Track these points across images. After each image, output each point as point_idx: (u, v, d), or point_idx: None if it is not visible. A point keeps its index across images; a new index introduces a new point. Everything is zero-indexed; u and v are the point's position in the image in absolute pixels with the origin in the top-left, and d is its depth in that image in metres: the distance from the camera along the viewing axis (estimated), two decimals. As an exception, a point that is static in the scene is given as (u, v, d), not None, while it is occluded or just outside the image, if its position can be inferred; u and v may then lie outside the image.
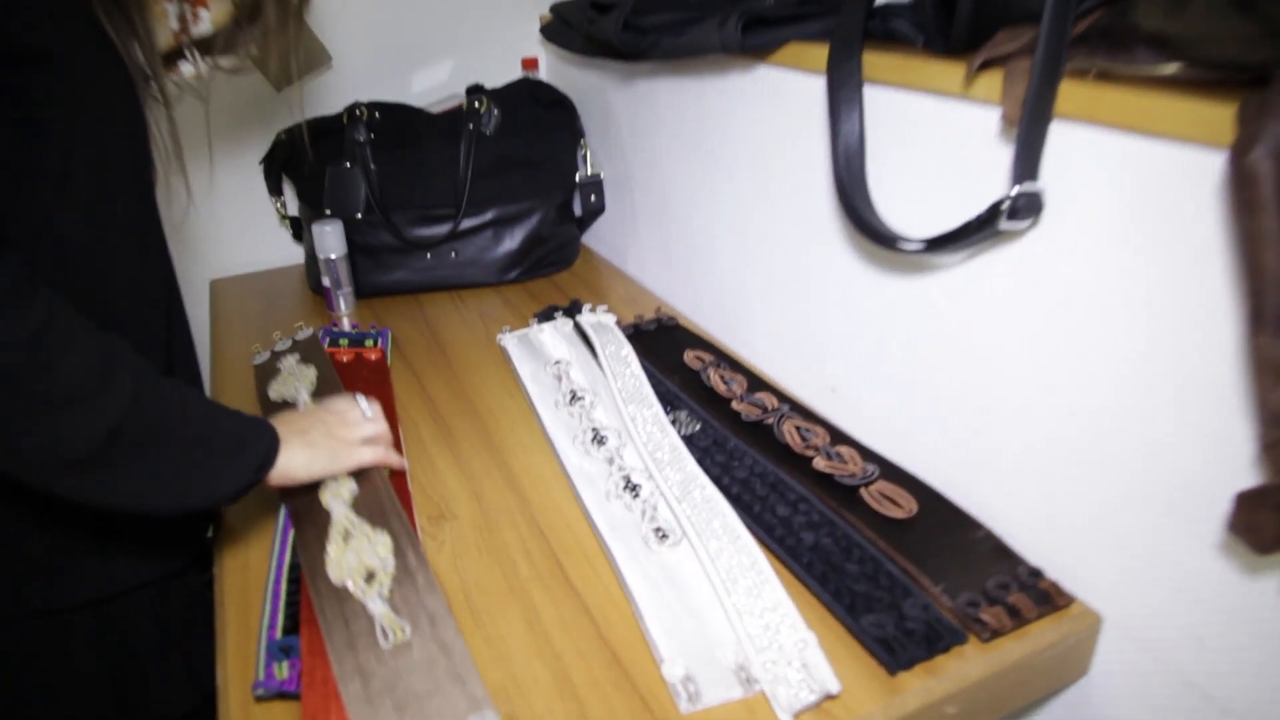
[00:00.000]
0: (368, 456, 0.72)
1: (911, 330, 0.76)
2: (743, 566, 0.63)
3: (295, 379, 0.90)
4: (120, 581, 0.66)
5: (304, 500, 0.70)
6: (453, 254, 1.19)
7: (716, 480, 0.75)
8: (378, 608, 0.59)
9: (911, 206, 0.72)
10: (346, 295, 1.15)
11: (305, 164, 1.18)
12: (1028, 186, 0.59)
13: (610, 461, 0.78)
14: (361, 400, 0.75)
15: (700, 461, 0.78)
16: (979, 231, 0.61)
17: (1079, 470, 0.62)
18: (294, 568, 0.65)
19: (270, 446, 0.62)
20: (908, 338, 0.76)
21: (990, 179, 0.64)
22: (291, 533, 0.68)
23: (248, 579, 0.67)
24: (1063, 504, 0.64)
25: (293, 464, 0.65)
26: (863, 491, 0.73)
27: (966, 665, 0.57)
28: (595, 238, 1.38)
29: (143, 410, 0.53)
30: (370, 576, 0.62)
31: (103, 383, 0.51)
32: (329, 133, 1.17)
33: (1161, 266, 0.54)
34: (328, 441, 0.68)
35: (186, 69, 0.85)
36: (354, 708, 0.52)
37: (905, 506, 0.70)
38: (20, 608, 0.62)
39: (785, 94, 0.84)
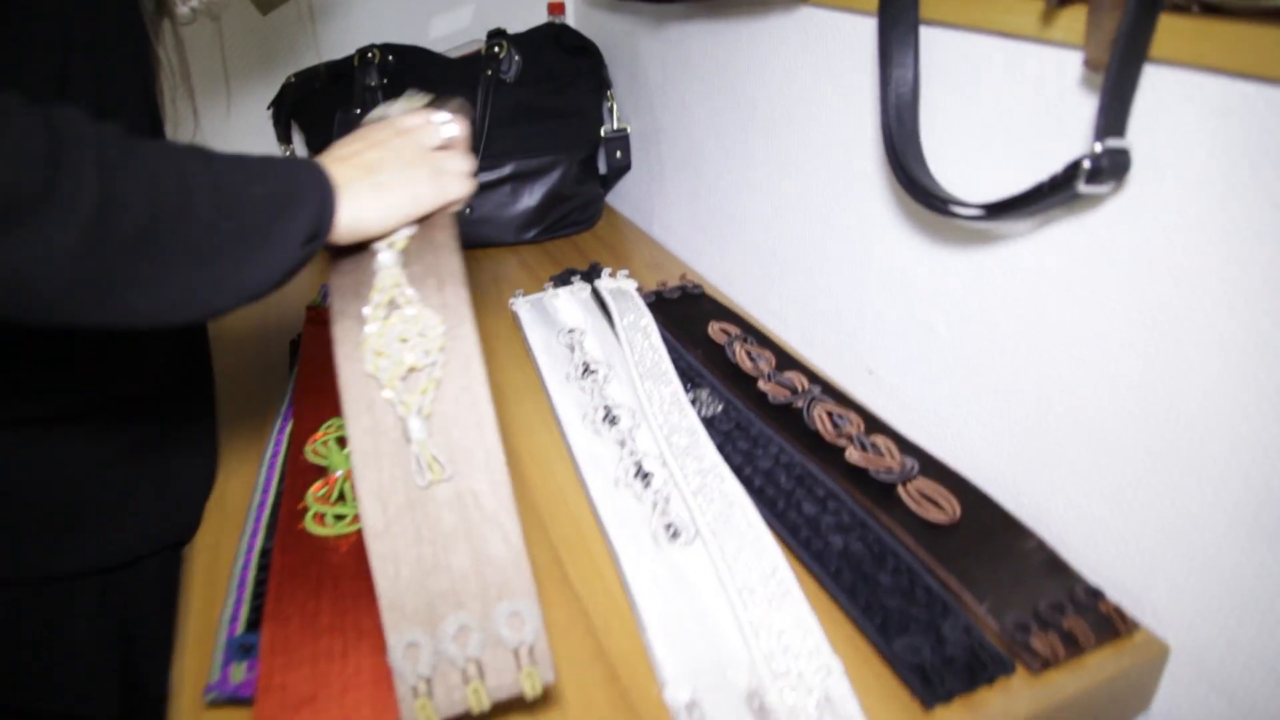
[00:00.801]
0: (454, 189, 0.53)
1: (962, 308, 0.67)
2: (762, 574, 0.56)
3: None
4: (125, 550, 0.61)
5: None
6: (467, 210, 1.11)
7: (738, 470, 0.68)
8: (418, 433, 0.45)
9: (971, 167, 0.63)
10: (354, 252, 1.09)
11: (315, 110, 1.11)
12: (1113, 143, 0.49)
13: (622, 444, 0.71)
14: (444, 117, 0.56)
15: (721, 448, 0.70)
16: (1051, 196, 0.52)
17: (1153, 477, 0.54)
18: (265, 553, 0.59)
19: (324, 202, 0.46)
20: (958, 317, 0.68)
21: (1066, 136, 0.55)
22: (266, 512, 0.62)
23: (217, 562, 0.61)
24: (1130, 514, 0.56)
25: (363, 216, 0.48)
26: (900, 489, 0.65)
27: (1012, 701, 0.50)
28: (620, 197, 1.30)
29: (123, 197, 0.38)
30: (409, 375, 0.47)
31: (51, 177, 0.36)
32: (340, 77, 1.10)
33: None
34: (406, 177, 0.51)
35: None
36: (375, 548, 0.44)
37: (947, 509, 0.62)
38: (18, 572, 0.58)
39: (830, 37, 0.75)
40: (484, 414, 0.46)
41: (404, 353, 0.47)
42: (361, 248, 0.51)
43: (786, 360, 0.83)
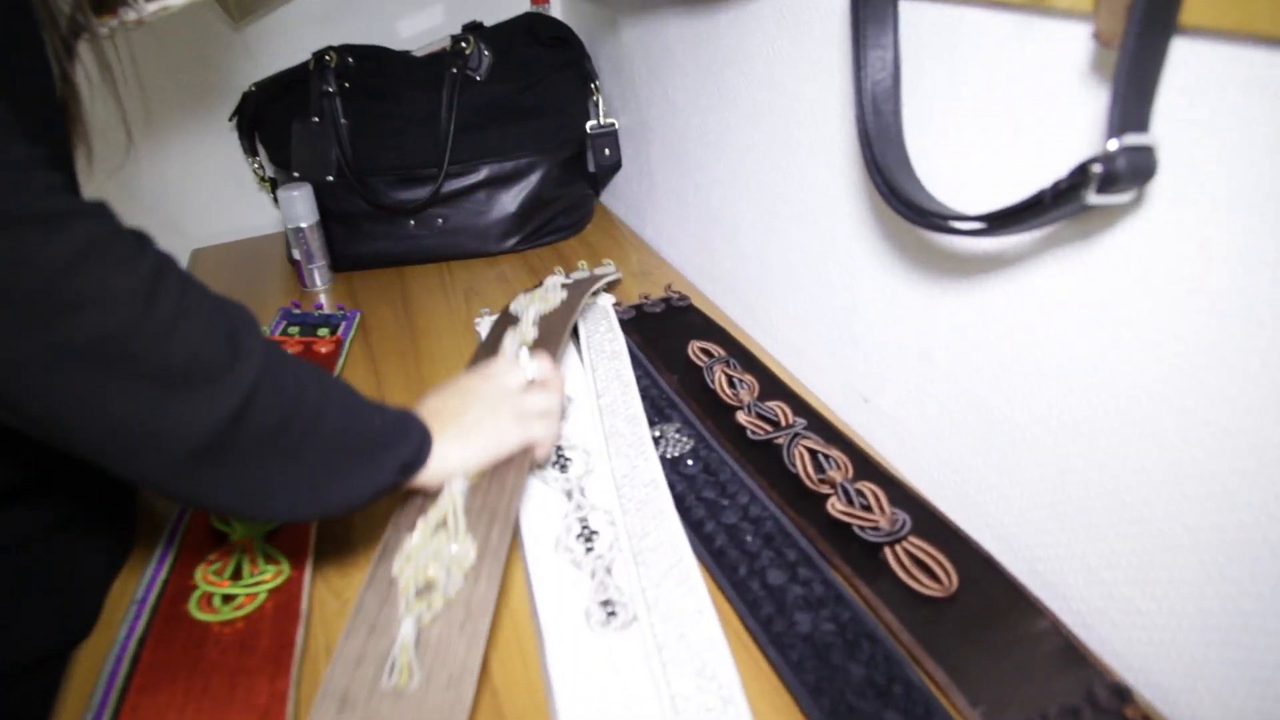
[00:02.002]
0: (537, 432, 0.59)
1: (962, 336, 0.56)
2: (703, 673, 0.46)
3: (540, 298, 0.80)
4: (11, 657, 0.52)
5: None
6: (439, 220, 1.03)
7: (699, 525, 0.59)
8: (405, 635, 0.46)
9: (964, 169, 0.52)
10: (320, 269, 1.02)
11: (274, 121, 1.04)
12: (1132, 140, 0.39)
13: (569, 495, 0.62)
14: (524, 357, 0.62)
15: (683, 497, 0.61)
16: (1055, 208, 0.41)
17: (1193, 558, 0.43)
18: (142, 643, 0.51)
19: (421, 444, 0.52)
20: (957, 345, 0.57)
21: (1076, 131, 0.44)
22: (155, 591, 0.55)
23: (107, 649, 0.54)
24: (1165, 599, 0.45)
25: (447, 462, 0.53)
26: (887, 551, 0.55)
27: (1010, 844, 0.40)
28: (615, 197, 1.21)
29: (274, 392, 0.42)
30: (426, 589, 0.49)
31: (229, 357, 0.41)
32: (298, 83, 1.02)
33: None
34: (489, 423, 0.56)
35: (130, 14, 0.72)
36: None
37: (942, 579, 0.52)
38: None
39: (804, 17, 0.64)
40: (474, 649, 0.46)
41: (431, 566, 0.50)
42: None
43: (773, 385, 0.73)
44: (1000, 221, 0.45)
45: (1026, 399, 0.52)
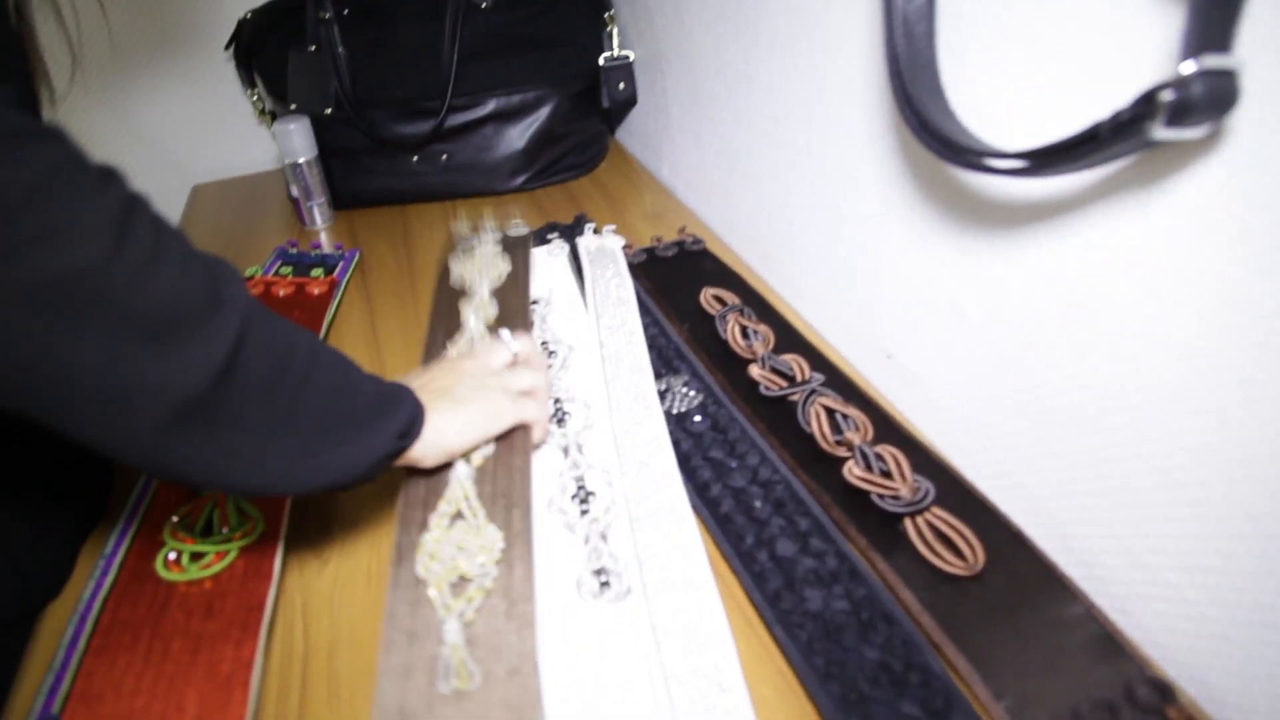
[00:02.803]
0: (531, 411, 0.55)
1: (999, 289, 0.51)
2: (699, 653, 0.43)
3: (484, 267, 0.76)
4: None
5: None
6: (444, 156, 0.98)
7: (704, 488, 0.54)
8: (453, 636, 0.43)
9: (1006, 101, 0.46)
10: (320, 206, 0.97)
11: (270, 51, 0.98)
12: (1212, 62, 0.33)
13: (566, 451, 0.58)
14: (506, 335, 0.60)
15: (688, 456, 0.57)
16: (1113, 143, 0.36)
17: (1256, 548, 0.38)
18: (99, 618, 0.47)
19: (415, 410, 0.48)
20: (991, 298, 0.52)
21: (1142, 51, 0.38)
22: (124, 545, 0.52)
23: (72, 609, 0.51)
24: (1217, 591, 0.40)
25: (445, 432, 0.50)
26: (908, 523, 0.50)
27: None
28: (630, 133, 1.14)
29: (262, 345, 0.39)
30: (460, 584, 0.46)
31: (211, 305, 0.37)
32: (295, 9, 0.96)
33: None
34: (480, 397, 0.53)
35: None
36: None
37: (968, 556, 0.47)
38: None
39: (835, -72, 0.58)
40: (526, 634, 0.43)
41: (459, 559, 0.46)
42: (443, 465, 0.52)
43: (790, 338, 0.68)
44: (1046, 159, 0.39)
45: (1068, 362, 0.47)
